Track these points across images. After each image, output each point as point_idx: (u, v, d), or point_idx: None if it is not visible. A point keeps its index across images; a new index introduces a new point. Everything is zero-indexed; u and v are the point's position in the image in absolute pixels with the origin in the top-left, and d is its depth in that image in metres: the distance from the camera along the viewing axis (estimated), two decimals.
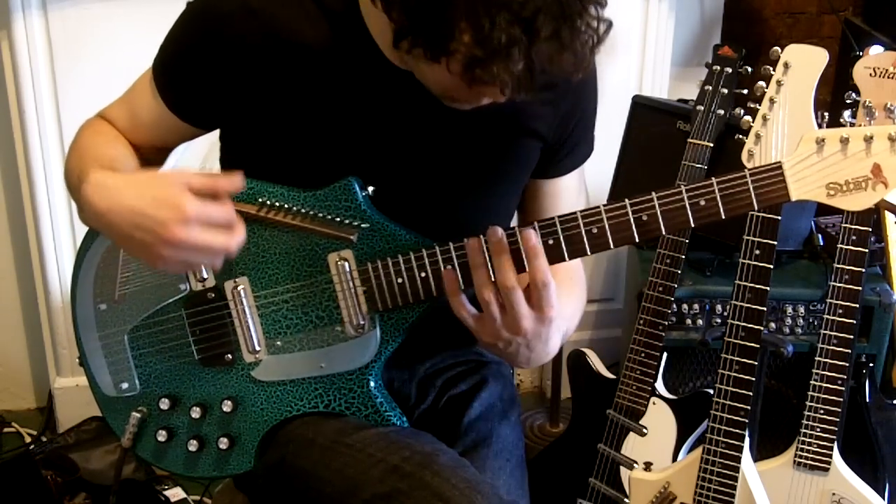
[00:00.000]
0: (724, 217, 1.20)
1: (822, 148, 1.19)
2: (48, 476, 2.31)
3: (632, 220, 1.22)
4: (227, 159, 1.45)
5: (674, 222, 1.21)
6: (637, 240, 1.23)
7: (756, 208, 1.20)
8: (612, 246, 1.23)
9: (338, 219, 1.31)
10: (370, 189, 1.32)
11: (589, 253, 1.24)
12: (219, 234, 1.21)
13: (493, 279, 1.22)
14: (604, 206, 1.22)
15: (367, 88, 1.32)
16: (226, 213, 1.22)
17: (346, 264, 1.31)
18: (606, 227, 1.22)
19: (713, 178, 1.20)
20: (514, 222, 1.51)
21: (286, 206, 1.32)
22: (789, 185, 1.19)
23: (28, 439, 2.65)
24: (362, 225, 1.31)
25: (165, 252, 1.20)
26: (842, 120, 1.73)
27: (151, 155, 1.45)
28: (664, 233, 1.22)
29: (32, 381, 2.80)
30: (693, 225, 1.22)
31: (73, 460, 2.38)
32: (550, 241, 1.23)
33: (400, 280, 1.29)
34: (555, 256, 1.23)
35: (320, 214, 1.32)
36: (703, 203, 1.20)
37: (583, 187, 1.52)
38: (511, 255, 1.22)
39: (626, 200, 1.22)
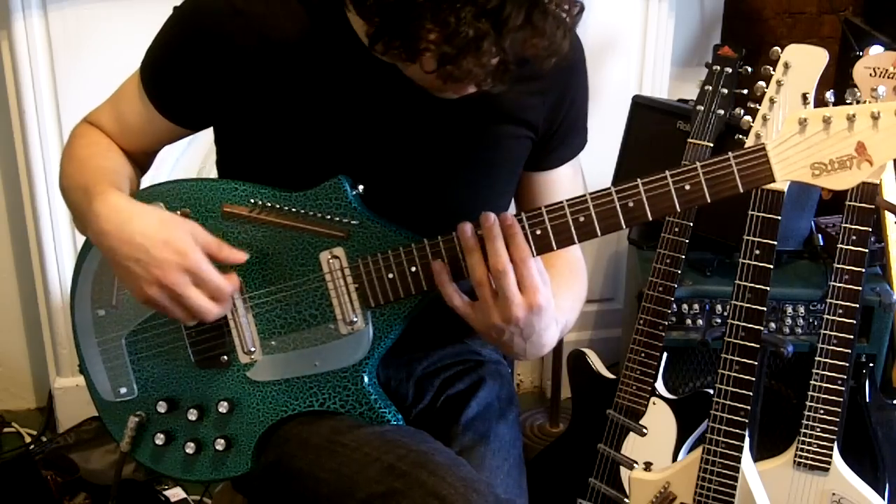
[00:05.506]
0: (709, 201, 1.20)
1: (805, 128, 1.19)
2: (48, 476, 2.31)
3: (618, 207, 1.22)
4: (222, 160, 1.46)
5: (660, 207, 1.22)
6: (624, 226, 1.23)
7: (741, 191, 1.20)
8: (599, 234, 1.24)
9: (328, 217, 1.32)
10: (360, 187, 1.32)
11: (577, 241, 1.25)
12: (205, 297, 1.26)
13: (485, 263, 1.22)
14: (590, 194, 1.23)
15: (352, 83, 1.32)
16: (221, 283, 1.27)
17: (338, 262, 1.32)
18: (593, 215, 1.23)
19: (697, 163, 1.20)
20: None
21: (277, 206, 1.33)
22: (773, 166, 1.19)
23: (28, 439, 2.65)
24: (353, 222, 1.31)
25: (151, 291, 1.24)
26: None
27: (139, 158, 1.47)
28: (650, 218, 1.22)
29: (32, 381, 2.80)
30: (679, 210, 1.22)
31: (73, 460, 2.38)
32: (538, 231, 1.24)
33: (391, 275, 1.29)
34: (543, 246, 1.24)
35: (311, 213, 1.32)
36: (687, 188, 1.20)
37: (579, 181, 1.52)
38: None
39: (612, 188, 1.22)
